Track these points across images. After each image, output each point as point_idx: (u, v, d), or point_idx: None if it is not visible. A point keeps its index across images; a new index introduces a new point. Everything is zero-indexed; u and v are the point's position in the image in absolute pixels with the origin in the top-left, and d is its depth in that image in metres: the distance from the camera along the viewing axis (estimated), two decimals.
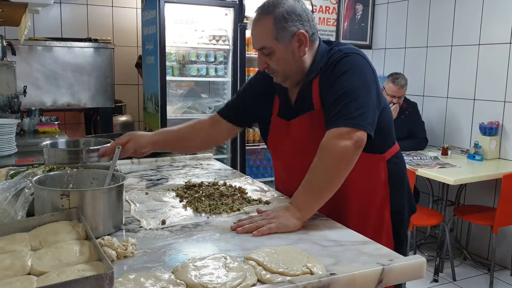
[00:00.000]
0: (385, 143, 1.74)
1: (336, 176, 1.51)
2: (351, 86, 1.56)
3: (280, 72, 1.69)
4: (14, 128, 2.73)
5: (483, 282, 3.76)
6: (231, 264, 1.13)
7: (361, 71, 1.61)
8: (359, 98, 1.55)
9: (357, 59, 1.63)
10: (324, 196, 1.51)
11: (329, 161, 1.50)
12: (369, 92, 1.59)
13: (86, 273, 1.01)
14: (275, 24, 1.61)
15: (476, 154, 3.94)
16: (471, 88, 4.27)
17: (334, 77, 1.60)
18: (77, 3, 4.51)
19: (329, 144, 1.51)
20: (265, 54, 1.66)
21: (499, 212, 3.53)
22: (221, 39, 4.43)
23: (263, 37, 1.64)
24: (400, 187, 1.80)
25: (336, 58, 1.63)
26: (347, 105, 1.53)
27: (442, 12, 4.52)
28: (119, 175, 1.49)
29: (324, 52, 1.70)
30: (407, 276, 1.20)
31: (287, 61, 1.66)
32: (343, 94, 1.55)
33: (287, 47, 1.64)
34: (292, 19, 1.62)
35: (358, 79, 1.58)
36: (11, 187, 1.40)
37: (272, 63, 1.67)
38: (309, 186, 1.51)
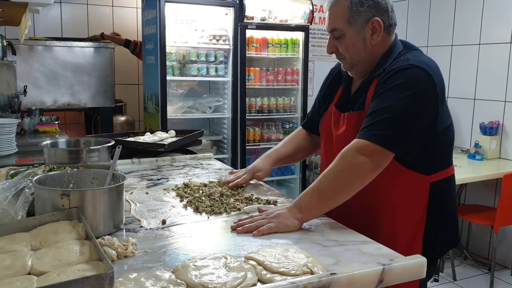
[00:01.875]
0: (435, 163, 1.60)
1: (346, 188, 1.46)
2: (396, 102, 1.46)
3: (348, 58, 1.64)
4: (14, 128, 2.73)
5: (484, 282, 3.76)
6: (231, 264, 1.13)
7: (416, 87, 1.48)
8: (400, 118, 1.45)
9: (419, 74, 1.49)
10: (329, 204, 1.48)
11: (342, 171, 1.46)
12: (417, 113, 1.47)
13: (87, 273, 1.01)
14: (350, 7, 1.56)
15: (476, 154, 3.94)
16: (471, 87, 4.27)
17: (387, 86, 1.51)
18: (77, 2, 4.51)
19: (348, 155, 1.46)
20: (335, 36, 1.62)
21: (499, 212, 3.53)
22: (222, 39, 4.43)
23: (336, 18, 1.60)
24: (440, 215, 1.62)
25: (400, 66, 1.52)
26: (384, 121, 1.45)
27: (442, 12, 4.52)
28: (119, 175, 1.49)
29: (395, 53, 1.61)
30: (408, 276, 1.20)
31: (356, 48, 1.60)
32: (385, 108, 1.47)
33: (359, 32, 1.59)
34: (369, 4, 1.57)
35: (409, 96, 1.46)
36: (11, 187, 1.40)
37: (341, 48, 1.62)
38: (316, 190, 1.48)
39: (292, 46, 4.76)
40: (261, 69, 4.69)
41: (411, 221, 1.60)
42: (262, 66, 4.76)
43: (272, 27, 4.59)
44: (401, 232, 1.59)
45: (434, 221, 1.61)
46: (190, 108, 4.53)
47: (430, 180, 1.59)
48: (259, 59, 4.83)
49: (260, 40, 4.61)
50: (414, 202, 1.59)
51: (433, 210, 1.60)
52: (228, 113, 4.58)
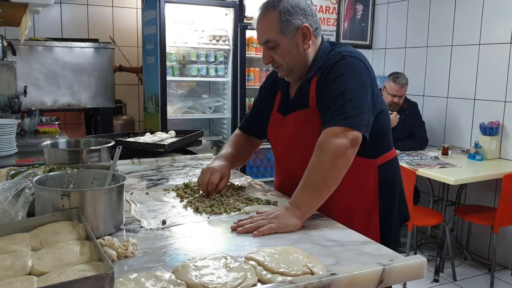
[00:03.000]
0: (377, 148, 1.73)
1: (334, 173, 1.51)
2: (347, 87, 1.58)
3: (285, 66, 1.72)
4: (14, 128, 2.73)
5: (484, 282, 3.76)
6: (231, 264, 1.13)
7: (357, 73, 1.62)
8: (355, 99, 1.57)
9: (354, 61, 1.65)
10: (323, 194, 1.52)
11: (326, 158, 1.51)
12: (365, 94, 1.60)
13: (87, 273, 1.01)
14: (280, 17, 1.65)
15: (476, 154, 3.94)
16: (471, 88, 4.27)
17: (330, 79, 1.62)
18: (77, 3, 4.51)
19: (325, 142, 1.52)
20: (269, 47, 1.70)
21: (499, 212, 3.53)
22: (221, 39, 4.43)
23: (268, 30, 1.69)
24: (390, 194, 1.78)
25: (334, 60, 1.65)
26: (342, 106, 1.55)
27: (442, 12, 4.52)
28: (119, 175, 1.49)
29: (325, 52, 1.73)
30: (408, 276, 1.20)
31: (292, 54, 1.69)
32: (339, 95, 1.57)
33: (292, 40, 1.68)
34: (296, 12, 1.66)
35: (354, 80, 1.60)
36: (12, 187, 1.40)
37: (277, 57, 1.71)
38: (308, 184, 1.51)
39: None
40: (261, 69, 4.69)
41: (365, 203, 1.74)
42: (262, 67, 4.76)
43: None
44: (357, 214, 1.72)
45: (386, 200, 1.76)
46: (190, 108, 4.53)
47: (377, 163, 1.73)
48: (259, 59, 4.82)
49: None
50: (365, 185, 1.73)
51: (384, 190, 1.75)
52: (228, 114, 4.59)
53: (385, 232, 1.76)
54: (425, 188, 4.23)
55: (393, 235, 1.82)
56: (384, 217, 1.76)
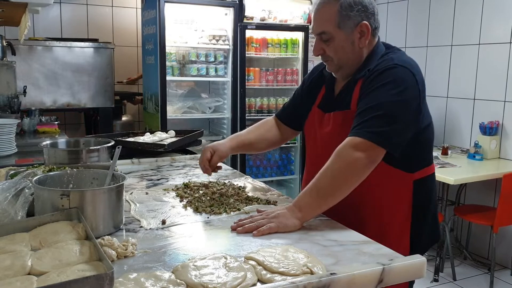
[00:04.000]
0: (417, 161, 1.65)
1: (344, 185, 1.48)
2: (386, 100, 1.51)
3: (335, 61, 1.66)
4: (14, 128, 2.73)
5: (483, 282, 3.76)
6: (231, 264, 1.13)
7: (403, 86, 1.53)
8: (390, 115, 1.49)
9: (403, 73, 1.55)
10: (328, 201, 1.49)
11: (339, 168, 1.47)
12: (404, 110, 1.52)
13: (86, 273, 1.01)
14: (340, 11, 1.58)
15: (476, 154, 3.94)
16: (471, 87, 4.27)
17: (373, 86, 1.55)
18: (77, 3, 4.51)
19: (343, 152, 1.48)
20: (323, 39, 1.64)
21: (499, 212, 3.53)
22: (221, 39, 4.43)
23: (325, 22, 1.61)
24: (424, 212, 1.69)
25: (384, 66, 1.57)
26: (374, 118, 1.49)
27: (442, 11, 4.52)
28: (119, 175, 1.49)
29: (379, 54, 1.65)
30: (407, 276, 1.20)
31: (345, 50, 1.63)
32: (375, 106, 1.50)
33: (348, 36, 1.61)
34: (358, 9, 1.59)
35: (397, 94, 1.51)
36: (11, 187, 1.40)
37: (329, 50, 1.64)
38: (315, 189, 1.49)
39: (292, 46, 4.76)
40: (260, 69, 4.69)
41: (397, 218, 1.64)
42: (261, 66, 4.76)
43: (272, 27, 4.59)
44: (388, 230, 1.63)
45: (419, 217, 1.66)
46: (189, 108, 4.53)
47: (414, 178, 1.63)
48: (258, 59, 4.83)
49: (259, 40, 4.62)
50: (399, 200, 1.64)
51: (418, 207, 1.65)
52: (227, 113, 4.59)
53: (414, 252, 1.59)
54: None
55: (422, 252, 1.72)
56: (415, 236, 1.67)
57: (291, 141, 4.96)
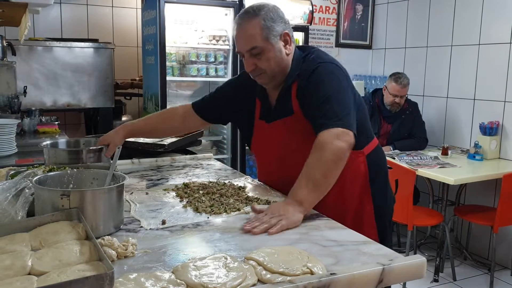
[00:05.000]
0: (362, 139, 1.81)
1: (335, 173, 1.60)
2: (331, 91, 1.68)
3: (269, 72, 1.76)
4: (14, 128, 2.73)
5: (483, 282, 3.76)
6: (231, 264, 1.13)
7: (335, 77, 1.73)
8: (340, 101, 1.67)
9: (330, 66, 1.75)
10: (323, 190, 1.59)
11: (328, 158, 1.57)
12: (347, 95, 1.72)
13: (86, 273, 1.01)
14: (265, 23, 1.72)
15: (476, 154, 3.94)
16: (471, 88, 4.27)
17: (312, 87, 1.71)
18: (77, 3, 4.51)
19: (327, 143, 1.59)
20: (253, 54, 1.74)
21: (499, 212, 3.53)
22: (221, 39, 4.43)
23: (253, 37, 1.71)
24: (380, 179, 1.90)
25: (313, 67, 1.74)
26: (332, 109, 1.65)
27: (442, 12, 4.53)
28: (119, 175, 1.49)
29: (299, 58, 1.81)
30: (407, 276, 1.20)
31: (276, 60, 1.75)
32: (325, 100, 1.66)
33: (276, 46, 1.73)
34: (278, 20, 1.73)
35: (334, 84, 1.71)
36: (11, 187, 1.40)
37: (261, 63, 1.74)
38: (309, 180, 1.56)
39: None
40: None
41: (357, 189, 1.83)
42: None
43: None
44: (351, 202, 1.82)
45: (376, 185, 1.86)
46: None
47: (365, 153, 1.84)
48: None
49: None
50: (357, 174, 1.82)
51: (373, 176, 1.85)
52: None
53: (379, 216, 1.86)
54: (425, 188, 4.23)
55: (388, 217, 1.95)
56: (377, 200, 1.86)
57: None
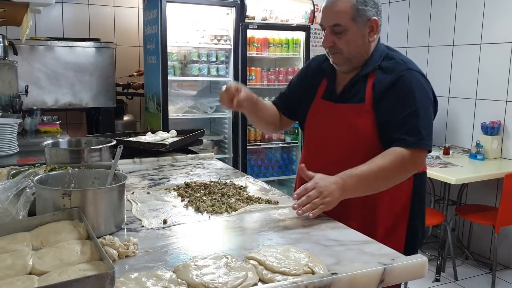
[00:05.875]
0: None
1: (387, 186, 1.64)
2: (419, 106, 1.65)
3: (345, 53, 1.73)
4: (15, 128, 2.73)
5: (485, 281, 3.76)
6: (232, 263, 1.13)
7: (426, 91, 1.70)
8: (425, 118, 1.65)
9: (422, 78, 1.71)
10: (367, 192, 1.63)
11: (393, 173, 1.60)
12: (430, 111, 1.70)
13: (88, 272, 1.01)
14: (356, 5, 1.66)
15: (477, 154, 3.93)
16: (472, 87, 4.26)
17: (402, 93, 1.67)
18: (79, 2, 4.51)
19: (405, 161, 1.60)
20: (335, 32, 1.70)
21: (500, 212, 3.52)
22: (223, 39, 4.43)
23: (340, 14, 1.68)
24: (419, 204, 1.83)
25: (403, 69, 1.70)
26: (416, 126, 1.63)
27: (443, 11, 4.52)
28: (120, 174, 1.49)
29: (382, 51, 1.76)
30: (409, 276, 1.20)
31: (356, 44, 1.71)
32: (412, 113, 1.64)
33: (360, 30, 1.69)
34: (371, 4, 1.69)
35: (424, 99, 1.68)
36: (13, 187, 1.40)
37: (340, 43, 1.71)
38: (365, 178, 1.58)
39: (293, 46, 4.76)
40: (262, 69, 4.69)
41: (396, 207, 1.77)
42: (263, 66, 4.76)
43: (273, 27, 4.59)
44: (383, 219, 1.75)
45: (415, 209, 1.80)
46: (191, 108, 4.53)
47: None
48: (260, 59, 4.83)
49: (261, 40, 4.61)
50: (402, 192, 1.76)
51: (415, 199, 1.80)
52: (229, 113, 4.58)
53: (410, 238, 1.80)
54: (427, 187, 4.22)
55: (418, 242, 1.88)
56: (411, 225, 1.80)
57: (293, 140, 4.96)
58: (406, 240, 1.77)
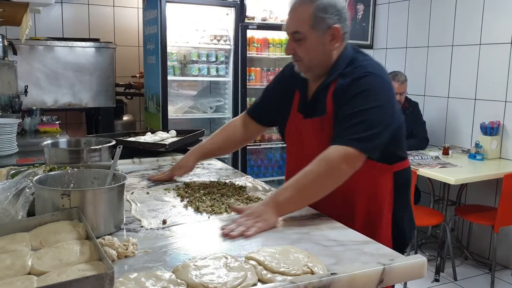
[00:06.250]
0: (395, 155, 1.75)
1: (323, 191, 1.56)
2: (366, 106, 1.59)
3: (306, 61, 1.71)
4: (15, 128, 2.73)
5: (484, 281, 3.76)
6: (232, 263, 1.13)
7: (380, 92, 1.63)
8: (371, 120, 1.57)
9: (376, 80, 1.64)
10: (305, 202, 1.57)
11: (325, 175, 1.54)
12: (383, 114, 1.61)
13: (87, 272, 1.01)
14: (315, 12, 1.63)
15: (477, 154, 3.93)
16: (472, 88, 4.26)
17: (352, 93, 1.62)
18: (79, 2, 4.51)
19: (333, 161, 1.54)
20: (295, 39, 1.68)
21: (500, 212, 3.52)
22: (222, 39, 4.43)
23: (300, 22, 1.66)
24: (403, 200, 1.81)
25: (358, 75, 1.64)
26: (357, 125, 1.57)
27: (443, 11, 4.52)
28: (120, 174, 1.49)
29: (347, 58, 1.71)
30: (408, 276, 1.20)
31: (316, 52, 1.68)
32: (356, 113, 1.58)
33: (320, 38, 1.66)
34: (332, 12, 1.65)
35: (373, 100, 1.60)
36: (12, 187, 1.40)
37: (300, 50, 1.69)
38: (297, 189, 1.54)
39: None
40: (262, 69, 4.69)
41: (381, 206, 1.74)
42: (263, 66, 4.76)
43: (273, 27, 4.59)
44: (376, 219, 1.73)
45: (399, 204, 1.78)
46: (191, 108, 4.53)
47: (393, 170, 1.75)
48: (260, 59, 4.83)
49: (261, 40, 4.62)
50: (383, 189, 1.74)
51: (398, 195, 1.77)
52: (229, 113, 4.58)
53: (397, 237, 1.78)
54: (426, 187, 4.23)
55: (406, 241, 1.87)
56: (396, 223, 1.78)
57: None
58: (393, 238, 1.76)
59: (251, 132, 2.07)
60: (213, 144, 2.06)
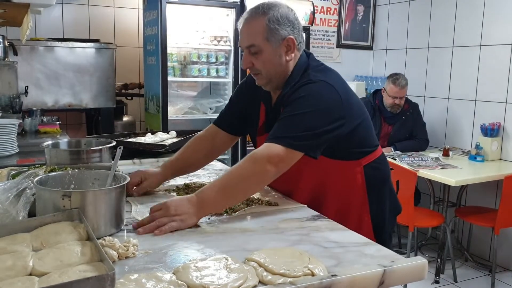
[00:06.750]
0: (360, 151, 1.76)
1: (248, 191, 1.58)
2: (302, 110, 1.59)
3: (264, 74, 1.72)
4: (15, 128, 2.73)
5: (485, 283, 3.76)
6: (232, 265, 1.13)
7: (318, 97, 1.62)
8: (305, 122, 1.58)
9: (318, 86, 1.64)
10: (230, 202, 1.56)
11: (250, 175, 1.54)
12: (320, 118, 1.60)
13: (88, 273, 1.01)
14: (268, 24, 1.65)
15: (477, 155, 3.94)
16: (472, 89, 4.27)
17: (293, 97, 1.64)
18: (79, 3, 4.51)
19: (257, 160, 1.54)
20: (252, 52, 1.69)
21: (500, 214, 3.53)
22: (222, 40, 4.43)
23: (254, 35, 1.67)
24: (379, 190, 1.82)
25: (300, 83, 1.66)
26: (288, 125, 1.58)
27: (443, 13, 4.52)
28: (120, 175, 1.49)
29: (301, 69, 1.73)
30: (408, 278, 1.20)
31: (273, 63, 1.69)
32: (292, 116, 1.60)
33: (276, 49, 1.68)
34: (285, 23, 1.67)
35: (309, 106, 1.60)
36: (13, 188, 1.40)
37: (258, 63, 1.70)
38: (222, 187, 1.52)
39: None
40: None
41: (355, 202, 1.78)
42: None
43: None
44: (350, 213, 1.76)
45: (375, 196, 1.79)
46: (191, 109, 4.53)
47: (362, 164, 1.76)
48: None
49: None
50: (354, 184, 1.76)
51: (372, 188, 1.78)
52: None
53: (379, 228, 1.81)
54: (426, 189, 4.23)
55: (387, 229, 1.89)
56: (376, 213, 1.80)
57: None
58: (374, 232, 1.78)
59: (220, 144, 2.02)
60: (179, 160, 1.96)
